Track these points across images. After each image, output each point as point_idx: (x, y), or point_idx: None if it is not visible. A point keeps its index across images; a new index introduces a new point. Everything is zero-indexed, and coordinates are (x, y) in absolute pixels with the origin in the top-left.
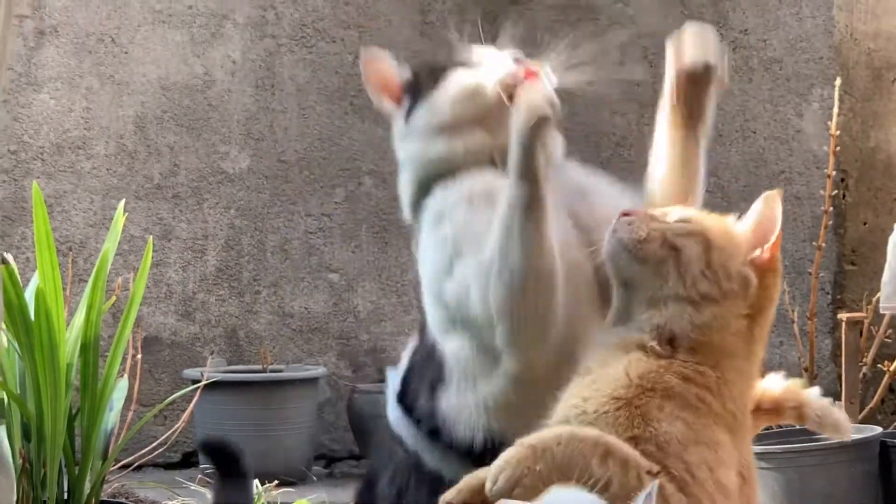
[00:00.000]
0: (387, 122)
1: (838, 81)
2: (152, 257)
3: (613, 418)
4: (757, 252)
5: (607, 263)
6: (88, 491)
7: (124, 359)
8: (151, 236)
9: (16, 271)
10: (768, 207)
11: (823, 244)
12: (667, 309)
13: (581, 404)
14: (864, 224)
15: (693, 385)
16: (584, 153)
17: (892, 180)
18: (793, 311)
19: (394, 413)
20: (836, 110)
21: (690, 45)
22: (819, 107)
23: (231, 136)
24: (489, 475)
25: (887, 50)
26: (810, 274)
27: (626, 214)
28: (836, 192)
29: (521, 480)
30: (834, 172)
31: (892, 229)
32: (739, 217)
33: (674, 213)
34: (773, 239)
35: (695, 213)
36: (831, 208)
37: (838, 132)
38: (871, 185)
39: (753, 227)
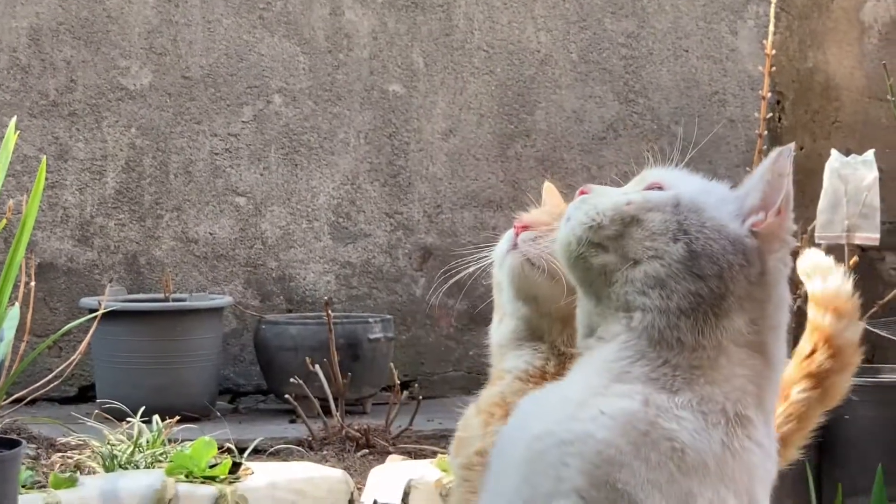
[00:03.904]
0: (298, 36)
1: None
2: (46, 178)
3: None
4: None
5: (507, 279)
6: None
7: (16, 286)
8: (46, 156)
9: None
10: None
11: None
12: None
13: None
14: (801, 149)
15: None
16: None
17: (831, 103)
18: None
19: None
20: (771, 28)
21: None
22: (755, 24)
23: (132, 49)
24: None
25: None
26: None
27: (525, 228)
28: (771, 114)
29: None
30: (769, 94)
31: (829, 154)
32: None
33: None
34: None
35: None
36: (766, 132)
37: (774, 52)
38: (809, 107)
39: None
